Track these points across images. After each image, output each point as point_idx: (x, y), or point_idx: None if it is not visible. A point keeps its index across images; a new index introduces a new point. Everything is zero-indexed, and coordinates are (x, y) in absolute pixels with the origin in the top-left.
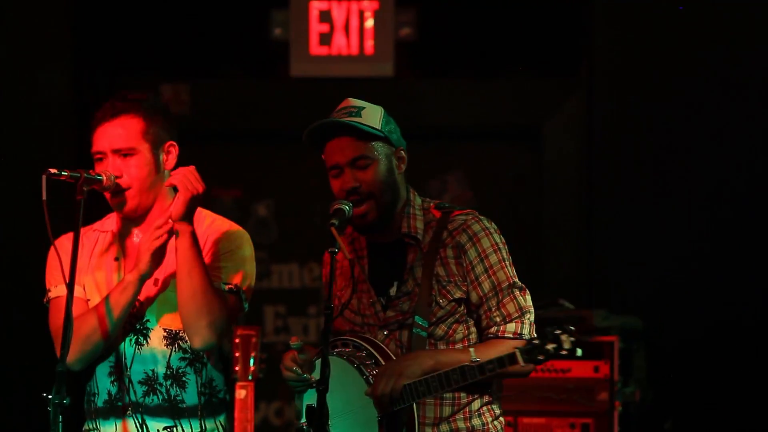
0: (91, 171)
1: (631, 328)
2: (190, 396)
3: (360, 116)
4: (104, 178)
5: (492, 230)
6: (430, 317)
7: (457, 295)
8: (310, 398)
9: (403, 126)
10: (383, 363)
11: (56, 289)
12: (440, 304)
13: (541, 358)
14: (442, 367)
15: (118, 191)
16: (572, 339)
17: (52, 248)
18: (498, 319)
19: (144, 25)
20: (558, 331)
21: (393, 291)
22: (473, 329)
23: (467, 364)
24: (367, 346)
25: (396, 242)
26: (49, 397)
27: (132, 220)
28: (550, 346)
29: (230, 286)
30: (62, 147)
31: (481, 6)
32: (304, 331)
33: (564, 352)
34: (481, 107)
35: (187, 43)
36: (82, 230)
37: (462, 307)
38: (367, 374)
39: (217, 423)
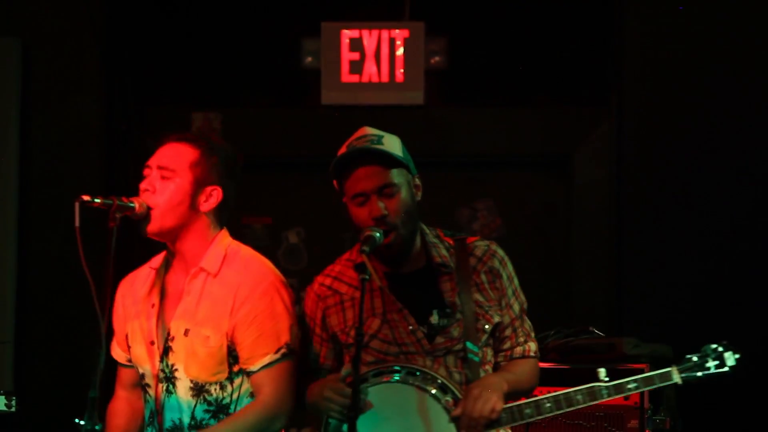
0: (123, 198)
1: (661, 356)
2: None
3: (382, 144)
4: (136, 205)
5: (506, 256)
6: (478, 342)
7: (497, 319)
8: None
9: (432, 154)
10: (451, 387)
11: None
12: (485, 330)
13: (699, 375)
14: (518, 388)
15: (146, 210)
16: (736, 356)
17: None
18: (522, 339)
19: (176, 54)
20: (721, 348)
21: (435, 320)
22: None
23: (596, 384)
24: (428, 371)
25: (419, 272)
26: (81, 423)
27: (171, 254)
28: (711, 364)
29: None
30: (94, 175)
31: (511, 35)
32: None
33: (726, 369)
34: (510, 135)
35: (219, 71)
36: (139, 270)
37: (495, 331)
38: (443, 403)
39: None
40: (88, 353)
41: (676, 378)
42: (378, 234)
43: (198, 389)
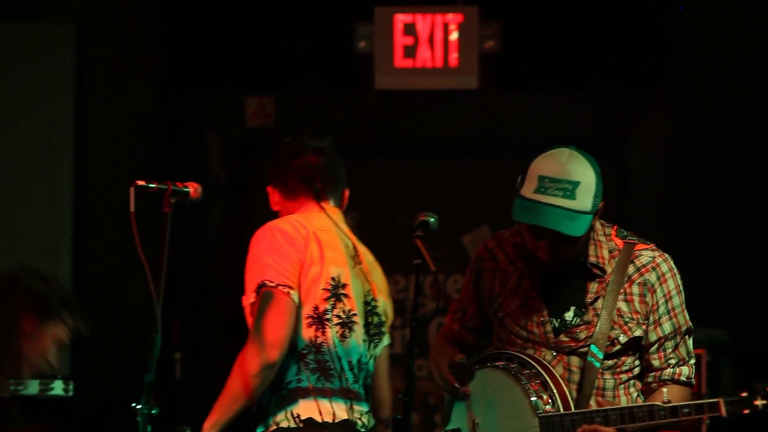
0: (178, 183)
1: (718, 341)
2: (266, 396)
3: (574, 197)
4: (191, 190)
5: (675, 271)
6: (607, 349)
7: (637, 333)
8: (459, 408)
9: (486, 138)
10: (552, 386)
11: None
12: (620, 340)
13: (746, 412)
14: None
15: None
16: None
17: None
18: (673, 362)
19: (229, 39)
20: None
21: (569, 316)
22: (637, 362)
23: (657, 404)
24: (536, 365)
25: (572, 265)
26: (138, 407)
27: None
28: (759, 402)
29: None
30: (149, 160)
31: (566, 19)
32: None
33: None
34: (564, 120)
35: (272, 56)
36: None
37: (635, 344)
38: (534, 395)
39: (288, 413)
40: (144, 338)
41: (723, 409)
42: (432, 219)
43: None
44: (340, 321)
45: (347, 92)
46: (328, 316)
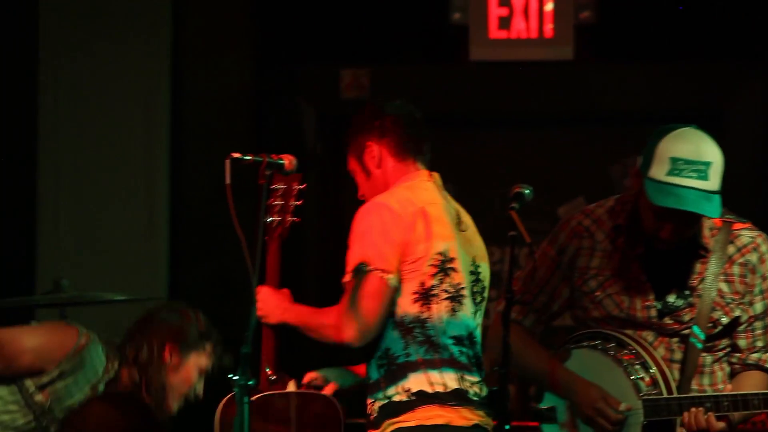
0: (273, 155)
1: None
2: (372, 371)
3: (707, 178)
4: (286, 162)
5: None
6: (709, 331)
7: (737, 313)
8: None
9: (582, 109)
10: (653, 367)
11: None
12: (721, 322)
13: None
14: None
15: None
16: None
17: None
18: (760, 344)
19: (325, 12)
20: None
21: (672, 299)
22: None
23: None
24: (636, 346)
25: (681, 247)
26: (235, 378)
27: None
28: None
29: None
30: (245, 132)
31: None
32: (485, 314)
33: None
34: (661, 91)
35: (367, 28)
36: None
37: (736, 324)
38: (636, 376)
39: (399, 388)
40: (241, 310)
41: None
42: (528, 191)
43: None
44: (449, 295)
45: (442, 64)
46: (435, 292)
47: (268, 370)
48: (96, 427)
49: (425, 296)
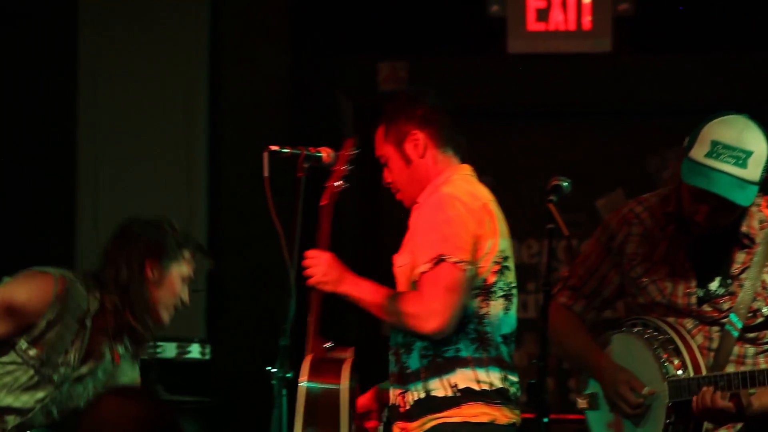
0: (311, 148)
1: None
2: (414, 360)
3: (745, 166)
4: (324, 155)
5: None
6: (748, 321)
7: None
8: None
9: (620, 102)
10: (684, 352)
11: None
12: (762, 312)
13: None
14: None
15: (395, 192)
16: None
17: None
18: None
19: (362, 4)
20: None
21: (714, 286)
22: None
23: None
24: (671, 332)
25: (720, 235)
26: (273, 370)
27: None
28: None
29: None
30: (283, 125)
31: None
32: (523, 308)
33: None
34: (699, 83)
35: (405, 21)
36: None
37: None
38: (665, 359)
39: (444, 381)
40: (279, 302)
41: None
42: (566, 183)
43: None
44: (504, 293)
45: (480, 56)
46: (494, 289)
47: (328, 344)
48: (111, 420)
49: (486, 293)
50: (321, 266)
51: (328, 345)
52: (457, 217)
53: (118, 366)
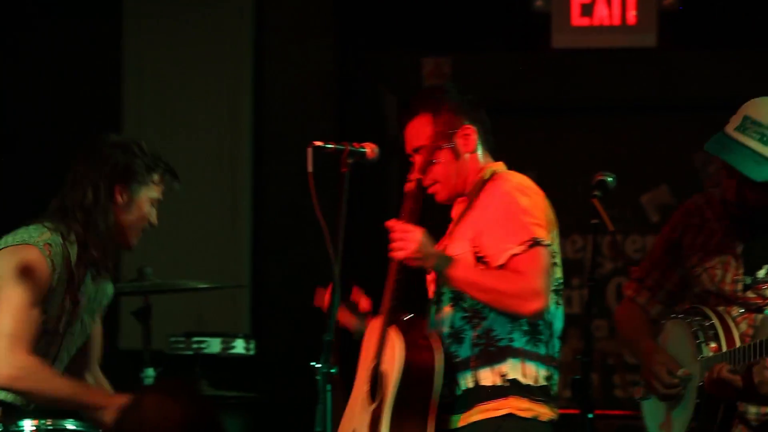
0: (355, 143)
1: None
2: (465, 349)
3: None
4: (368, 150)
5: None
6: None
7: None
8: None
9: (666, 98)
10: (722, 337)
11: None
12: None
13: None
14: None
15: (429, 185)
16: None
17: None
18: None
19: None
20: None
21: (762, 274)
22: None
23: None
24: (714, 318)
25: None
26: (317, 366)
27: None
28: None
29: None
30: (327, 120)
31: None
32: (567, 303)
33: None
34: (746, 78)
35: (449, 16)
36: None
37: None
38: (702, 340)
39: (494, 370)
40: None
41: None
42: (610, 179)
43: (455, 299)
44: (554, 289)
45: (524, 51)
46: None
47: (407, 317)
48: (151, 419)
49: None
50: (413, 242)
51: (407, 317)
52: (540, 203)
53: (98, 288)
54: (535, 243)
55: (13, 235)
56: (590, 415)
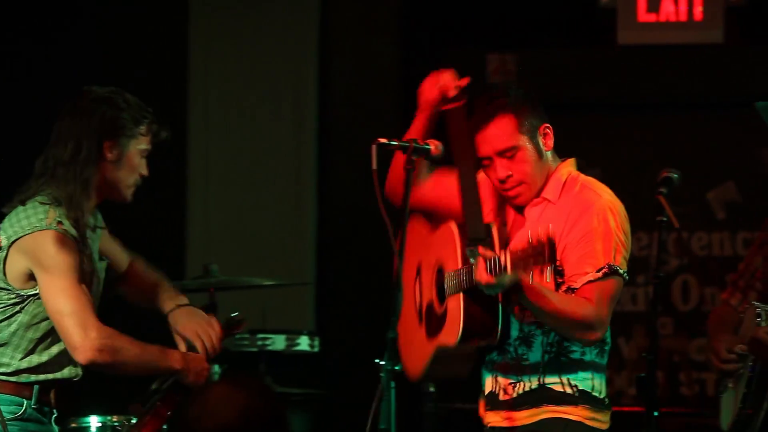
0: (419, 141)
1: None
2: (535, 354)
3: None
4: (432, 147)
5: None
6: None
7: None
8: None
9: (732, 93)
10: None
11: None
12: None
13: None
14: None
15: (513, 186)
16: None
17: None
18: None
19: None
20: None
21: None
22: None
23: None
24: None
25: None
26: (381, 363)
27: None
28: None
29: None
30: (391, 118)
31: None
32: (632, 300)
33: None
34: None
35: (514, 12)
36: None
37: None
38: (762, 319)
39: (564, 379)
40: (387, 295)
41: None
42: (676, 175)
43: None
44: None
45: (589, 48)
46: None
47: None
48: (217, 408)
49: None
50: (500, 285)
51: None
52: (624, 228)
53: (99, 237)
54: (612, 272)
55: (19, 223)
56: (655, 413)
